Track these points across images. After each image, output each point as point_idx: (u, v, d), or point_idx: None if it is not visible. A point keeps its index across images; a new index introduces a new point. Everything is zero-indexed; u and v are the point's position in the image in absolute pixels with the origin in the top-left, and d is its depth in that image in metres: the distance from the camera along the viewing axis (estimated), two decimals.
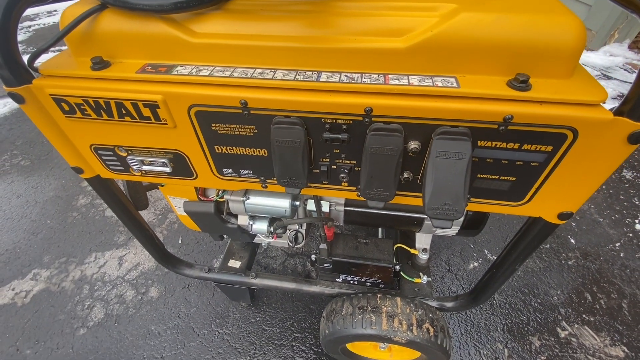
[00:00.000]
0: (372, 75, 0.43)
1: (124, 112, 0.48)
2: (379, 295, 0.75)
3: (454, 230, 0.74)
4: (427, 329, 0.71)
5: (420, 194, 0.52)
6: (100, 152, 0.57)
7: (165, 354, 0.97)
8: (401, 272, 0.85)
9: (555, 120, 0.39)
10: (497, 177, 0.47)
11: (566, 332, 1.00)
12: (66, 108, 0.49)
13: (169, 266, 0.90)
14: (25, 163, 1.67)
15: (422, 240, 0.86)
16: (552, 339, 0.99)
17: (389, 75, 0.42)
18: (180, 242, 1.27)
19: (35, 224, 1.36)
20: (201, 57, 0.46)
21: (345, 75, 0.43)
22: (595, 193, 1.44)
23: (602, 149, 0.40)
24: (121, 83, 0.46)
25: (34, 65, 0.50)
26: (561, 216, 0.50)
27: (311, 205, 0.71)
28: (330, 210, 0.73)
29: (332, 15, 0.44)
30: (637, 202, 1.39)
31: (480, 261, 1.19)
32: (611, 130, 0.38)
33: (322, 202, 0.71)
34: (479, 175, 0.48)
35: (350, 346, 0.85)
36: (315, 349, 0.98)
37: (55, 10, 4.09)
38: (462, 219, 0.71)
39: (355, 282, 0.86)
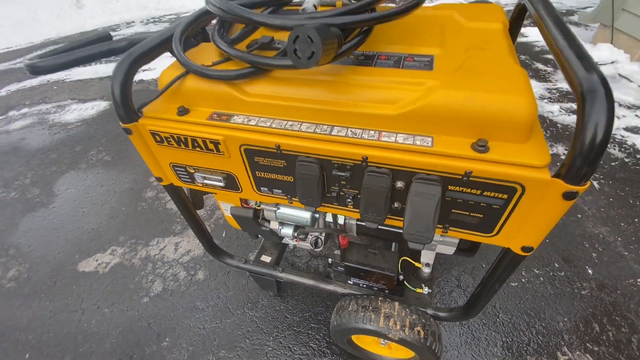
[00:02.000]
0: (370, 132, 0.58)
1: (196, 144, 0.68)
2: (380, 299, 0.89)
3: (451, 250, 0.85)
4: (418, 332, 0.83)
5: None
6: (176, 168, 0.78)
7: (206, 326, 1.20)
8: (404, 282, 0.98)
9: (505, 177, 0.51)
10: (467, 213, 0.59)
11: (566, 357, 1.05)
12: (158, 139, 0.71)
13: (214, 255, 1.12)
14: (108, 158, 2.04)
15: (426, 256, 0.97)
16: None
17: (382, 133, 0.57)
18: (224, 235, 1.51)
19: (114, 209, 1.69)
20: (251, 110, 0.65)
21: (350, 131, 0.58)
22: (626, 226, 1.41)
23: (545, 202, 0.51)
24: (196, 126, 0.66)
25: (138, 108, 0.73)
26: (524, 249, 0.60)
27: (330, 216, 0.87)
28: (345, 222, 0.89)
29: (345, 84, 0.60)
30: None
31: None
32: (550, 188, 0.49)
33: (338, 215, 0.87)
34: (453, 210, 0.60)
35: (355, 339, 1.00)
36: (327, 339, 1.14)
37: (133, 22, 4.71)
38: (457, 241, 0.83)
39: (364, 286, 1.00)
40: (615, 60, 2.52)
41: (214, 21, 0.80)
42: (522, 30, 3.22)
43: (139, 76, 2.97)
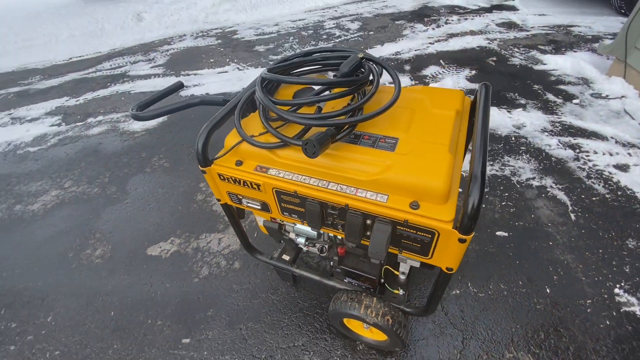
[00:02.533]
0: (351, 188, 0.93)
1: (245, 184, 1.07)
2: (363, 294, 1.24)
3: (417, 264, 1.19)
4: (388, 320, 1.18)
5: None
6: (230, 195, 1.19)
7: (239, 303, 1.62)
8: (385, 284, 1.33)
9: (427, 225, 0.85)
10: (410, 243, 0.93)
11: (511, 355, 1.35)
12: (222, 178, 1.11)
13: (248, 251, 1.52)
14: (167, 165, 2.54)
15: (403, 267, 1.31)
16: (498, 356, 1.35)
17: (358, 190, 0.92)
18: (255, 235, 1.92)
19: (172, 208, 2.17)
20: (280, 166, 1.03)
21: (339, 186, 0.94)
22: (589, 255, 1.65)
23: (450, 242, 0.84)
24: (246, 174, 1.05)
25: (210, 158, 1.13)
26: (447, 269, 0.93)
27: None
28: (342, 238, 1.25)
29: (338, 157, 0.96)
30: (627, 270, 1.57)
31: (461, 291, 1.57)
32: (451, 235, 0.82)
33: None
34: (402, 240, 0.94)
35: (346, 321, 1.36)
36: (328, 322, 1.51)
37: (185, 35, 5.31)
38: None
39: (355, 284, 1.36)
40: (624, 95, 2.65)
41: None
42: (542, 57, 3.39)
43: (191, 91, 3.48)
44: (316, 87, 1.12)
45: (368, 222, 0.94)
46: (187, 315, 1.59)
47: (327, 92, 1.09)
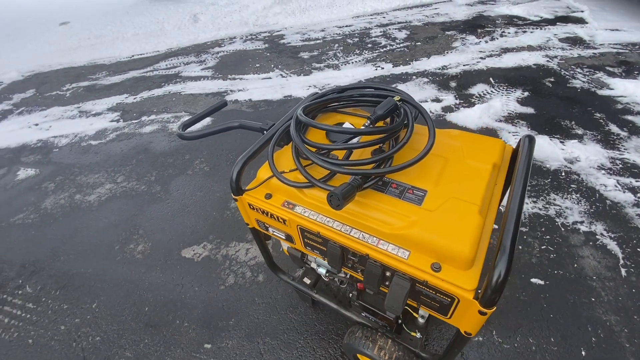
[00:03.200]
0: (373, 238, 0.93)
1: (272, 216, 1.12)
2: (379, 334, 1.24)
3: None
4: None
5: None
6: (259, 222, 1.24)
7: (259, 317, 1.69)
8: (403, 325, 1.31)
9: (447, 290, 0.83)
10: (429, 301, 0.91)
11: None
12: (251, 207, 1.16)
13: (272, 270, 1.58)
14: (207, 169, 2.69)
15: (423, 311, 1.28)
16: None
17: (380, 241, 0.92)
18: (280, 250, 1.98)
19: (207, 213, 2.30)
20: (306, 204, 1.05)
21: (362, 234, 0.95)
22: (638, 319, 1.49)
23: (471, 311, 0.81)
24: (274, 208, 1.09)
25: (242, 187, 1.19)
26: (466, 333, 0.90)
27: None
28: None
29: (363, 204, 0.96)
30: None
31: (484, 338, 1.50)
32: (472, 305, 0.79)
33: None
34: (421, 296, 0.93)
35: (360, 356, 1.37)
36: (341, 351, 1.53)
37: (235, 38, 5.54)
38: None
39: (372, 320, 1.36)
40: None
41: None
42: (610, 81, 3.09)
43: (235, 96, 3.64)
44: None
45: (387, 274, 0.94)
46: (211, 321, 1.69)
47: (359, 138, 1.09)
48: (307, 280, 1.57)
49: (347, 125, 1.14)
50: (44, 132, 3.55)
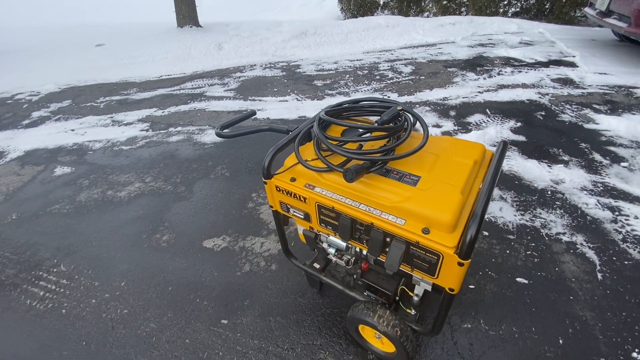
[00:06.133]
0: (376, 211, 1.18)
1: (295, 196, 1.37)
2: (378, 306, 1.44)
3: (429, 287, 1.37)
4: (396, 331, 1.36)
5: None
6: (281, 203, 1.49)
7: (271, 300, 1.88)
8: (399, 302, 1.51)
9: (434, 248, 1.06)
10: (420, 262, 1.14)
11: None
12: (278, 189, 1.42)
13: (286, 255, 1.80)
14: (227, 174, 2.98)
15: (418, 289, 1.49)
16: None
17: (382, 213, 1.17)
18: (292, 244, 2.21)
19: (227, 211, 2.55)
20: (324, 186, 1.31)
21: (368, 207, 1.20)
22: (611, 316, 1.67)
23: (452, 265, 1.04)
24: (297, 189, 1.35)
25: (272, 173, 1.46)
26: (450, 289, 1.12)
27: (358, 248, 1.48)
28: (367, 254, 1.48)
29: (370, 185, 1.22)
30: None
31: (472, 325, 1.68)
32: (453, 258, 1.02)
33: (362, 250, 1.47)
34: (413, 259, 1.15)
35: (360, 329, 1.55)
36: (345, 330, 1.71)
37: (255, 65, 6.07)
38: (431, 283, 1.34)
39: (373, 297, 1.56)
40: None
41: None
42: (595, 116, 3.40)
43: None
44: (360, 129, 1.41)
45: (387, 239, 1.17)
46: (228, 301, 1.89)
47: (368, 134, 1.37)
48: (316, 265, 1.79)
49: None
50: (79, 136, 3.91)
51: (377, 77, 4.95)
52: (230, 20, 9.12)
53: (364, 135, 1.35)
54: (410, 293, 1.50)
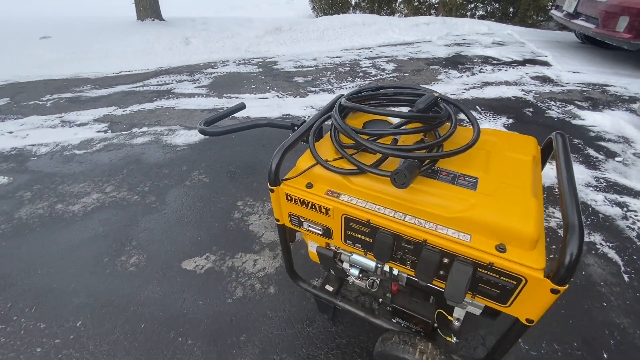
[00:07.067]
0: (430, 224, 0.91)
1: (313, 207, 1.07)
2: (418, 338, 1.17)
3: (478, 311, 1.13)
4: None
5: (444, 282, 0.96)
6: (292, 216, 1.18)
7: (274, 331, 1.55)
8: (438, 329, 1.25)
9: (515, 271, 0.81)
10: (489, 288, 0.89)
11: None
12: (289, 198, 1.11)
13: (291, 275, 1.49)
14: (206, 180, 2.58)
15: (458, 312, 1.25)
16: None
17: (438, 226, 0.91)
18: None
19: (209, 223, 2.17)
20: (353, 194, 1.02)
21: (417, 220, 0.93)
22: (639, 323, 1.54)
23: (540, 292, 0.80)
24: (317, 197, 1.05)
25: (280, 178, 1.14)
26: (527, 320, 0.88)
27: (387, 268, 1.20)
28: (398, 273, 1.21)
29: (417, 190, 0.95)
30: None
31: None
32: (542, 284, 0.78)
33: (394, 268, 1.19)
34: (479, 284, 0.90)
35: None
36: None
37: (228, 61, 5.64)
38: (483, 305, 1.10)
39: (405, 326, 1.29)
40: None
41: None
42: (580, 113, 3.41)
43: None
44: (394, 120, 1.14)
45: (445, 260, 0.91)
46: (219, 338, 1.53)
47: (403, 127, 1.10)
48: (329, 288, 1.49)
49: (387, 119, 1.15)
50: (19, 140, 3.29)
51: (360, 73, 4.74)
52: (197, 16, 8.53)
53: (400, 128, 1.08)
54: (450, 317, 1.25)
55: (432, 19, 7.51)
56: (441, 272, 0.95)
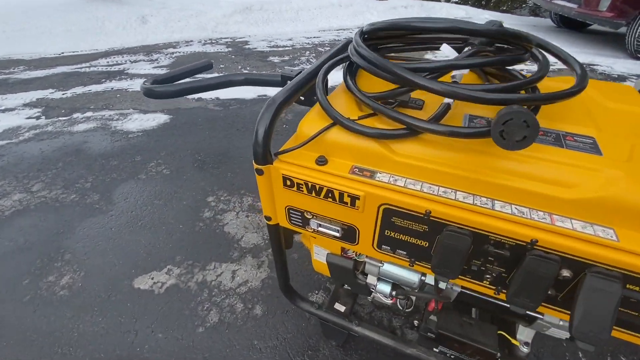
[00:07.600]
0: (539, 213, 0.54)
1: (329, 195, 0.66)
2: None
3: (564, 334, 0.78)
4: None
5: (560, 310, 0.60)
6: (291, 212, 0.77)
7: None
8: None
9: None
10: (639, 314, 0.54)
11: None
12: (288, 183, 0.70)
13: (286, 294, 1.07)
14: (166, 172, 2.08)
15: (525, 333, 0.90)
16: None
17: (554, 216, 0.54)
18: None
19: (171, 226, 1.69)
20: (397, 170, 0.63)
21: (515, 208, 0.55)
22: None
23: None
24: (337, 178, 0.65)
25: (273, 151, 0.72)
26: None
27: (429, 279, 0.82)
28: (446, 288, 0.83)
29: (507, 158, 0.58)
30: None
31: None
32: None
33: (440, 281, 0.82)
34: (624, 310, 0.55)
35: None
36: None
37: (192, 41, 5.01)
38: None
39: (452, 357, 0.93)
40: None
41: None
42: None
43: (198, 94, 3.09)
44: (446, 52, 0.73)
45: (565, 274, 0.54)
46: None
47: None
48: (340, 307, 1.09)
49: (445, 51, 0.74)
50: None
51: None
52: None
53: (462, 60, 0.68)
54: (514, 341, 0.90)
55: (409, 2, 7.22)
56: (549, 292, 0.58)
